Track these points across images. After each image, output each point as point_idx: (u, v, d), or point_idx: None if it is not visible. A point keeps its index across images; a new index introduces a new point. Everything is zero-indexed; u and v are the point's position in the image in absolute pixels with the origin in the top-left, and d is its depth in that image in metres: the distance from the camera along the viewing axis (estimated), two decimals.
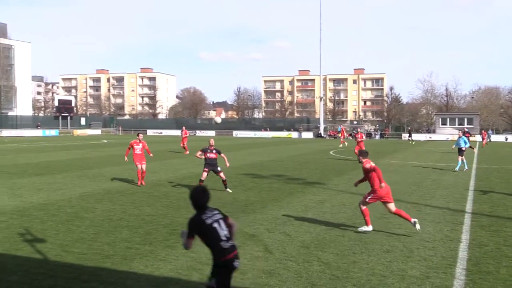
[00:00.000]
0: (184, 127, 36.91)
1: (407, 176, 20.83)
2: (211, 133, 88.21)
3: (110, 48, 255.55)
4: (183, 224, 10.63)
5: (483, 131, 62.48)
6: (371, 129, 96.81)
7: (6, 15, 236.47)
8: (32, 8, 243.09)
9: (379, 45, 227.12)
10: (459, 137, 24.28)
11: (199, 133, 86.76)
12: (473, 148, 30.01)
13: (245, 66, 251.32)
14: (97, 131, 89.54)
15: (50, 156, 30.42)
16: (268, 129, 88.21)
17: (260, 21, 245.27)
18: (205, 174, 16.00)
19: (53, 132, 78.71)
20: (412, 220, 9.95)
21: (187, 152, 33.54)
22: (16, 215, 11.66)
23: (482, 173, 22.61)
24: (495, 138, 76.68)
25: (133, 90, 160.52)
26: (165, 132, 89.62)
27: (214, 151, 15.99)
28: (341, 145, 45.31)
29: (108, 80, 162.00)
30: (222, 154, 16.22)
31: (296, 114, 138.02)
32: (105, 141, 56.10)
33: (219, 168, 16.03)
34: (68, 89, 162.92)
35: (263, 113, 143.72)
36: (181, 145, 35.30)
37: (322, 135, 79.06)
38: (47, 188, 16.17)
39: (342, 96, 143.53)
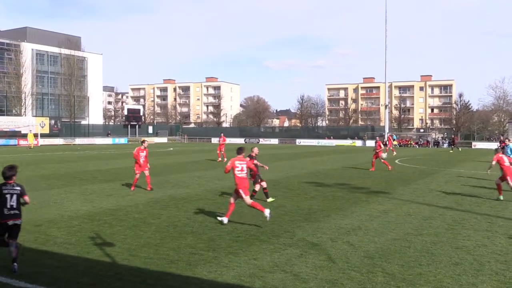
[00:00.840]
0: (222, 134, 36.88)
1: (476, 186, 20.01)
2: (274, 141, 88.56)
3: (177, 59, 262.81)
4: (247, 231, 10.73)
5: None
6: (438, 137, 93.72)
7: (80, 28, 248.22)
8: (103, 21, 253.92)
9: (448, 51, 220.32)
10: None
11: (262, 141, 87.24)
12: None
13: (308, 74, 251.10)
14: (164, 139, 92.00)
15: (119, 163, 31.53)
16: (331, 137, 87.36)
17: (323, 28, 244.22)
18: (258, 186, 15.34)
19: (122, 140, 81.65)
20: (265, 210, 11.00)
21: (219, 159, 33.99)
22: (87, 219, 12.15)
23: None
24: None
25: (198, 99, 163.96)
26: (229, 140, 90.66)
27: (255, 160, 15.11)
28: (384, 154, 44.42)
29: (175, 89, 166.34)
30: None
31: (360, 122, 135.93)
32: (171, 148, 57.50)
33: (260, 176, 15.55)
34: (136, 99, 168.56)
35: (327, 121, 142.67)
36: (218, 151, 35.09)
37: (387, 143, 77.41)
38: (116, 194, 16.76)
39: (408, 104, 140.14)
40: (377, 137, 34.73)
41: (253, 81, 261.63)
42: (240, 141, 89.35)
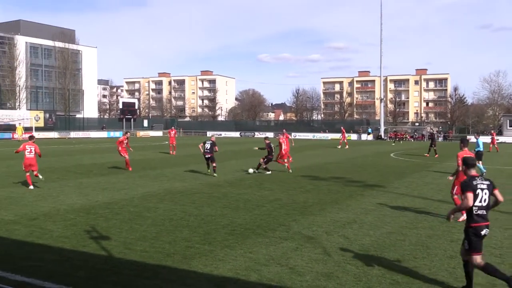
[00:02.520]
0: (173, 127, 38.92)
1: None
2: (269, 134, 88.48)
3: (171, 52, 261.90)
4: (242, 225, 10.76)
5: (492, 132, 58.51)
6: (433, 130, 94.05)
7: (74, 21, 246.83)
8: (98, 14, 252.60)
9: (444, 45, 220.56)
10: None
11: (257, 134, 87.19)
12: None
13: (303, 67, 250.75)
14: (159, 133, 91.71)
15: (114, 157, 31.46)
16: (327, 130, 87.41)
17: (318, 22, 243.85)
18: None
19: (118, 134, 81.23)
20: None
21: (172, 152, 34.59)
22: (83, 213, 12.14)
23: None
24: None
25: (193, 92, 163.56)
26: (225, 134, 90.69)
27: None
28: (339, 146, 47.59)
29: (170, 83, 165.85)
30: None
31: (355, 116, 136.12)
32: (166, 142, 57.39)
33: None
34: (131, 92, 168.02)
35: (322, 115, 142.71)
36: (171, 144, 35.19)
37: (383, 137, 77.56)
38: (111, 188, 16.74)
39: (403, 98, 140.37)
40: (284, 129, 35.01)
41: (249, 74, 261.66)
42: (236, 134, 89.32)
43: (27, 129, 66.54)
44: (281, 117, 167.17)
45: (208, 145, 20.63)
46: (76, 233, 9.90)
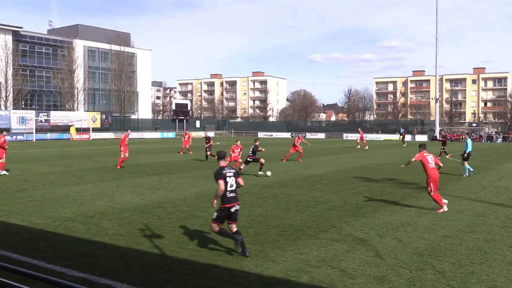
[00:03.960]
0: (187, 131, 38.94)
1: None
2: (321, 135, 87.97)
3: (223, 53, 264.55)
4: (293, 226, 10.73)
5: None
6: (492, 131, 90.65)
7: (129, 25, 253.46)
8: (152, 17, 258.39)
9: (503, 42, 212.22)
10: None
11: (309, 135, 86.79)
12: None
13: (355, 67, 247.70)
14: (211, 134, 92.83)
15: (167, 157, 32.09)
16: (379, 131, 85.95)
17: (370, 21, 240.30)
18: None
19: (171, 134, 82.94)
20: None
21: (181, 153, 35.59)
22: (137, 211, 12.44)
23: None
24: None
25: (245, 93, 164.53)
26: (276, 135, 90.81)
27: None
28: (358, 146, 47.33)
29: (222, 84, 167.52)
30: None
31: (409, 116, 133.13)
32: (218, 143, 58.02)
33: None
34: (184, 94, 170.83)
35: (375, 115, 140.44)
36: (184, 146, 36.54)
37: (438, 138, 75.49)
38: (164, 187, 17.08)
39: (459, 97, 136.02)
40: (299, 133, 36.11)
41: (300, 75, 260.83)
42: (287, 135, 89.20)
43: (84, 130, 69.00)
44: (333, 118, 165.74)
45: (250, 150, 21.86)
46: (131, 231, 10.16)
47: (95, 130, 70.91)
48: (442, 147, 32.46)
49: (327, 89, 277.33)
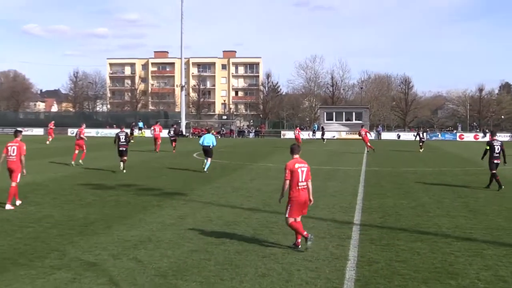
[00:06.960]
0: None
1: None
2: (39, 130, 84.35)
3: None
4: None
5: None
6: (243, 125, 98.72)
7: None
8: None
9: (256, 24, 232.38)
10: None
11: (24, 132, 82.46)
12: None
13: (85, 44, 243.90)
14: None
15: None
16: (114, 125, 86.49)
17: None
18: None
19: None
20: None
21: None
22: None
23: (372, 177, 24.11)
24: (387, 135, 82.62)
25: None
26: None
27: None
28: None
29: None
30: None
31: (150, 107, 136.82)
32: None
33: None
34: None
35: (109, 105, 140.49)
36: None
37: (184, 133, 79.09)
38: None
39: (208, 85, 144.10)
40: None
41: (9, 50, 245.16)
42: None
43: None
44: (54, 108, 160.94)
45: None
46: None
47: None
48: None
49: (47, 70, 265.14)
